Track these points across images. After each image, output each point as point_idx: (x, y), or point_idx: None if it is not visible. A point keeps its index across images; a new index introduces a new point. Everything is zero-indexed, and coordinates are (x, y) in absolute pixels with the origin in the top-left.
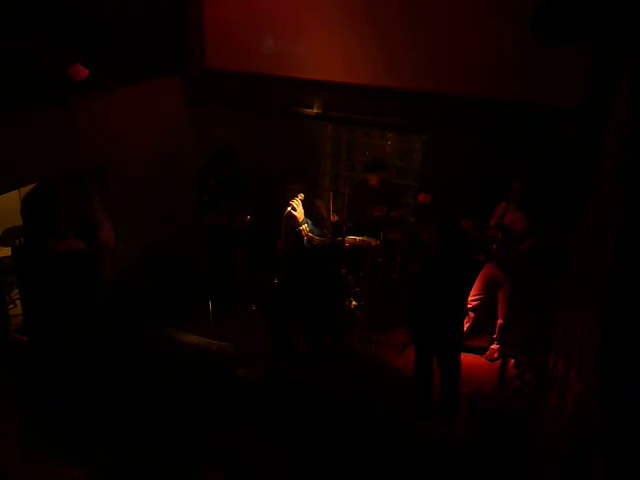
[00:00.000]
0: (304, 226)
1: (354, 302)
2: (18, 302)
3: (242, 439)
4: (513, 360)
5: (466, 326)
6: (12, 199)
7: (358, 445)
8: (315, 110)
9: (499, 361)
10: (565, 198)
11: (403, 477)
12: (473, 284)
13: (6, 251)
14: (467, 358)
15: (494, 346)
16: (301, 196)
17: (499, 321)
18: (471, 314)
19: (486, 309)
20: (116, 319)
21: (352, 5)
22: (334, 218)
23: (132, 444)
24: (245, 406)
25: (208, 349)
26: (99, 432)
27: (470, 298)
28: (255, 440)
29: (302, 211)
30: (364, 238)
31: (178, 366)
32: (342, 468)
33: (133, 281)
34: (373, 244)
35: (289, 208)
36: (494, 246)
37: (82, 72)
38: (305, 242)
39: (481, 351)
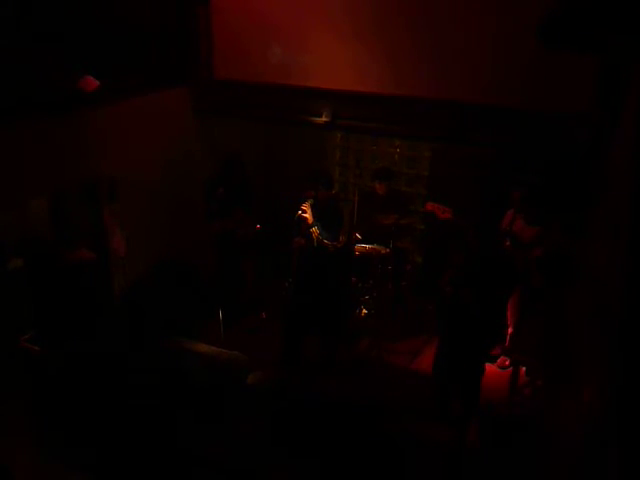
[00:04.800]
0: (314, 228)
1: (364, 310)
2: None
3: (248, 443)
4: (524, 367)
5: None
6: None
7: (362, 449)
8: (324, 119)
9: (510, 369)
10: (574, 205)
11: None
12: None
13: (19, 262)
14: None
15: (505, 354)
16: (311, 200)
17: (509, 329)
18: None
19: None
20: (127, 328)
21: (360, 14)
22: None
23: (138, 449)
24: (253, 411)
25: (219, 358)
26: (104, 437)
27: None
28: (258, 442)
29: (311, 214)
30: (374, 246)
31: (189, 375)
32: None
33: (143, 290)
34: (383, 252)
35: (299, 211)
36: None
37: (92, 83)
38: (315, 243)
39: (492, 359)
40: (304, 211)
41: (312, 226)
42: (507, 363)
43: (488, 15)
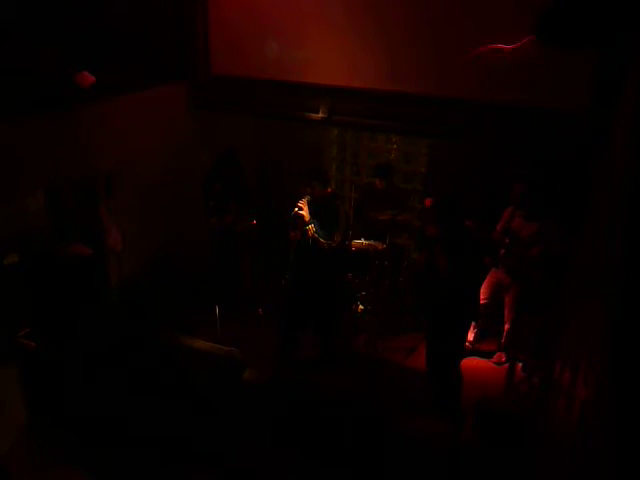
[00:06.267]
0: (310, 226)
1: (361, 306)
2: None
3: (245, 440)
4: (520, 364)
5: (474, 330)
6: None
7: (359, 446)
8: (320, 115)
9: (506, 365)
10: (571, 202)
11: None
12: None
13: (15, 257)
14: (475, 362)
15: (501, 350)
16: (308, 197)
17: (506, 325)
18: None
19: (493, 313)
20: (124, 323)
21: (357, 10)
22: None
23: (136, 446)
24: (249, 407)
25: (215, 354)
26: (102, 434)
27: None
28: (257, 441)
29: (307, 211)
30: (370, 242)
31: (186, 371)
32: (342, 469)
33: (140, 286)
34: (379, 248)
35: (296, 208)
36: (502, 250)
37: (88, 79)
38: (309, 241)
39: (489, 355)
40: (300, 208)
41: (309, 224)
42: (504, 359)
43: (486, 11)
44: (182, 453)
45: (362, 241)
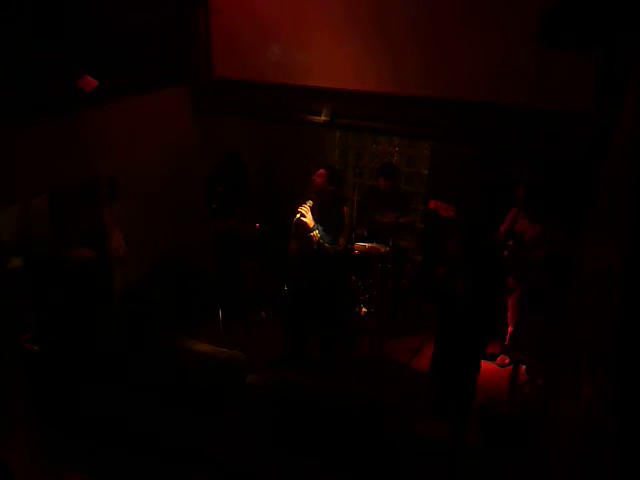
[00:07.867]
0: (315, 232)
1: (364, 309)
2: None
3: (245, 441)
4: (524, 366)
5: None
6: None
7: (360, 448)
8: (323, 117)
9: (510, 367)
10: (574, 204)
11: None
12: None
13: (18, 261)
14: None
15: (505, 352)
16: (310, 203)
17: (509, 328)
18: None
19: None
20: (126, 327)
21: (359, 13)
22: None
23: (137, 447)
24: (251, 410)
25: (218, 357)
26: (104, 435)
27: None
28: (257, 442)
29: (311, 217)
30: (373, 245)
31: (188, 373)
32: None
33: (143, 289)
34: (382, 251)
35: (298, 215)
36: (505, 253)
37: (91, 83)
38: (315, 247)
39: (492, 358)
40: (303, 215)
41: (313, 230)
42: (507, 362)
43: (488, 12)
44: (182, 454)
45: (365, 244)
